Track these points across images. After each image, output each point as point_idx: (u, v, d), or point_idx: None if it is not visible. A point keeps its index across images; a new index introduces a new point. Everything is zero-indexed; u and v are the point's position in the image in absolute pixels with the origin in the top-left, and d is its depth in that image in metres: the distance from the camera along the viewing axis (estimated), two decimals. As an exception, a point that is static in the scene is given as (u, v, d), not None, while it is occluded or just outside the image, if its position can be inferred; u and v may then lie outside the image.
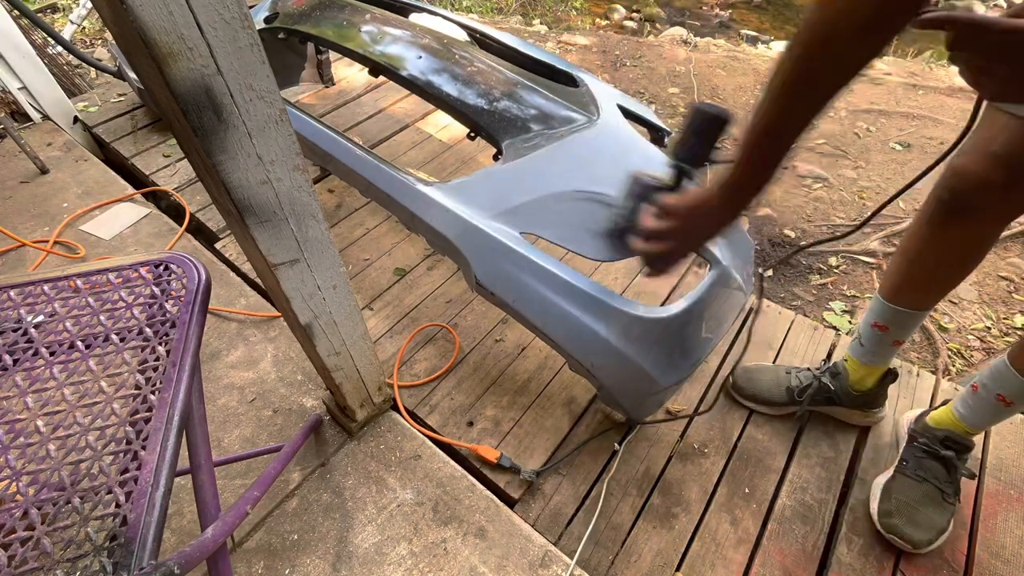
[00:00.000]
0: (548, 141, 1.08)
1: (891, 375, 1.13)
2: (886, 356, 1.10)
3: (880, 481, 1.08)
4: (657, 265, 0.77)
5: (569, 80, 1.30)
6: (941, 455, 1.02)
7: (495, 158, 1.13)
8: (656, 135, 1.30)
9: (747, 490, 1.11)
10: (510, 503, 1.07)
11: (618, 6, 4.89)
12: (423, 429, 1.16)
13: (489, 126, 1.12)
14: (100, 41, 3.20)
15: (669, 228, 0.71)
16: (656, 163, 1.10)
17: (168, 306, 0.67)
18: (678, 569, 1.00)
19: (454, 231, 1.01)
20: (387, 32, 1.34)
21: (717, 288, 1.01)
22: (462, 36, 1.46)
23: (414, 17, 1.51)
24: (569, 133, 1.10)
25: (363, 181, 1.16)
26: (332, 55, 2.07)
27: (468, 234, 1.00)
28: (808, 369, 1.21)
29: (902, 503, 1.03)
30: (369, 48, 1.29)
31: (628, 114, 1.21)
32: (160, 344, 0.63)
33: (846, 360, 1.15)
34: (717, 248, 1.04)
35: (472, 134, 1.19)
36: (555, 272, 0.96)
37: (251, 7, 1.62)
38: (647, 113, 1.29)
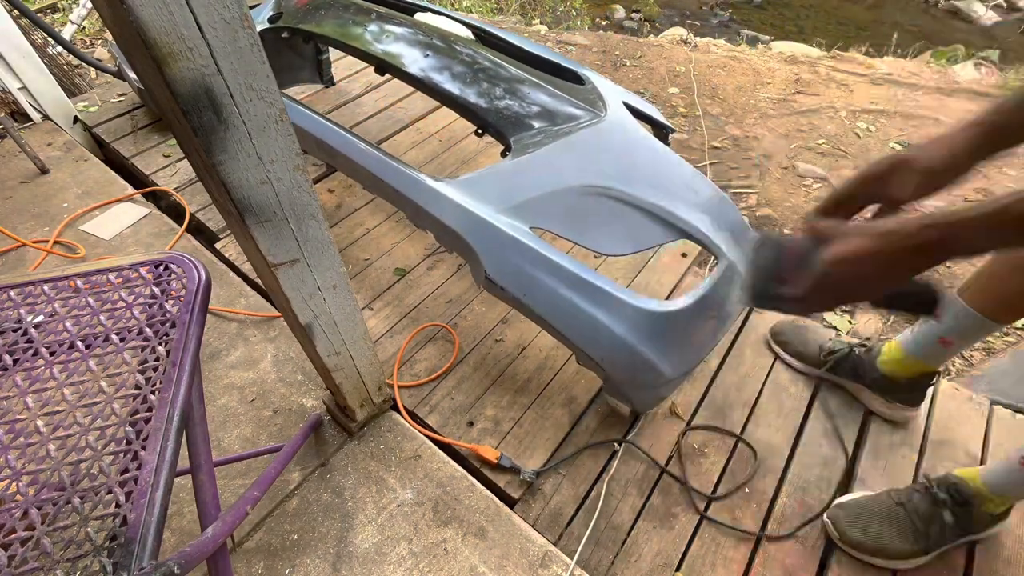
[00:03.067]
0: (556, 137, 1.09)
1: (927, 376, 1.09)
2: (927, 351, 1.06)
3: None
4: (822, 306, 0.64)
5: (575, 78, 1.30)
6: (933, 493, 0.97)
7: (503, 154, 1.14)
8: (660, 132, 1.31)
9: (747, 490, 1.11)
10: (510, 503, 1.07)
11: (618, 6, 4.89)
12: (423, 429, 1.16)
13: (497, 123, 1.13)
14: (100, 41, 3.20)
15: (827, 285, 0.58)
16: (662, 157, 1.11)
17: (168, 306, 0.67)
18: (678, 569, 1.00)
19: (464, 226, 1.01)
20: (392, 31, 1.34)
21: (724, 283, 1.01)
22: (467, 34, 1.46)
23: (418, 16, 1.51)
24: (577, 129, 1.10)
25: (370, 176, 1.16)
26: (333, 55, 2.07)
27: (478, 229, 1.00)
28: (848, 341, 1.21)
29: (860, 505, 1.01)
30: (375, 47, 1.29)
31: (633, 111, 1.22)
32: (160, 344, 0.63)
33: (887, 340, 1.13)
34: (723, 243, 1.04)
35: (480, 131, 1.19)
36: (565, 266, 0.97)
37: (252, 7, 1.62)
38: (651, 110, 1.30)
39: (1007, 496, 0.93)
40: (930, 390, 1.17)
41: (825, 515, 1.04)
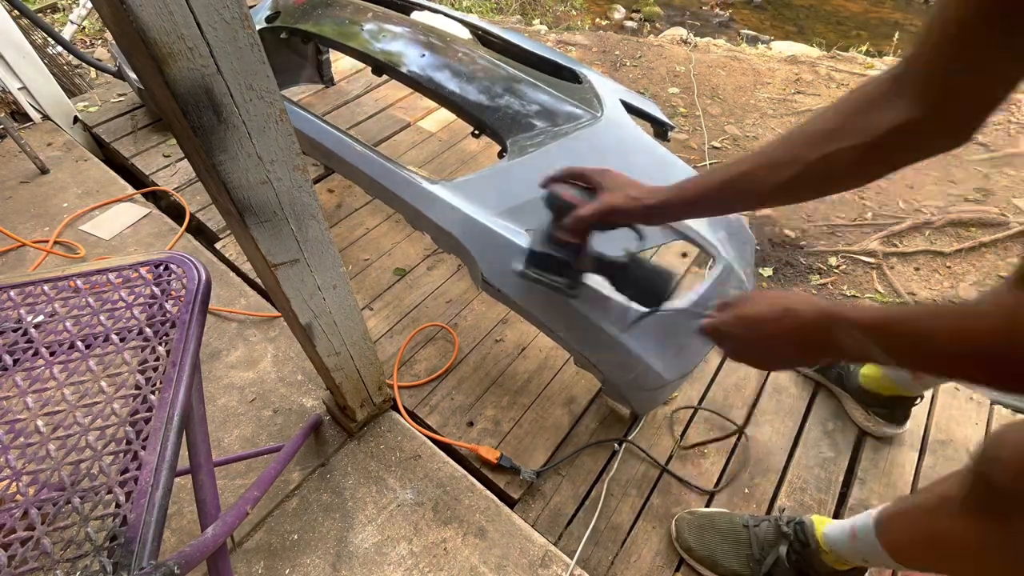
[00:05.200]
0: (553, 138, 1.08)
1: (905, 400, 1.07)
2: (900, 375, 1.03)
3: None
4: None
5: (572, 76, 1.30)
6: (779, 525, 0.93)
7: (500, 156, 1.14)
8: (659, 129, 1.30)
9: (747, 490, 1.11)
10: (510, 503, 1.07)
11: (618, 6, 4.89)
12: (423, 429, 1.16)
13: (494, 123, 1.13)
14: (100, 41, 3.20)
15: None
16: (659, 158, 1.11)
17: (168, 306, 0.67)
18: (678, 569, 1.00)
19: (460, 229, 1.01)
20: (390, 30, 1.34)
21: (721, 284, 1.01)
22: (465, 34, 1.46)
23: (416, 15, 1.51)
24: (574, 130, 1.10)
25: (367, 179, 1.16)
26: (332, 55, 2.07)
27: (474, 232, 1.00)
28: None
29: (709, 517, 1.00)
30: (372, 46, 1.29)
31: (631, 109, 1.22)
32: (160, 344, 0.63)
33: None
34: (720, 244, 1.04)
35: (476, 132, 1.19)
36: None
37: (251, 7, 1.62)
38: (650, 107, 1.29)
39: (841, 556, 0.84)
40: (915, 409, 1.13)
41: (675, 517, 1.04)
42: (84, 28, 3.21)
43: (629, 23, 4.74)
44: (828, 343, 0.57)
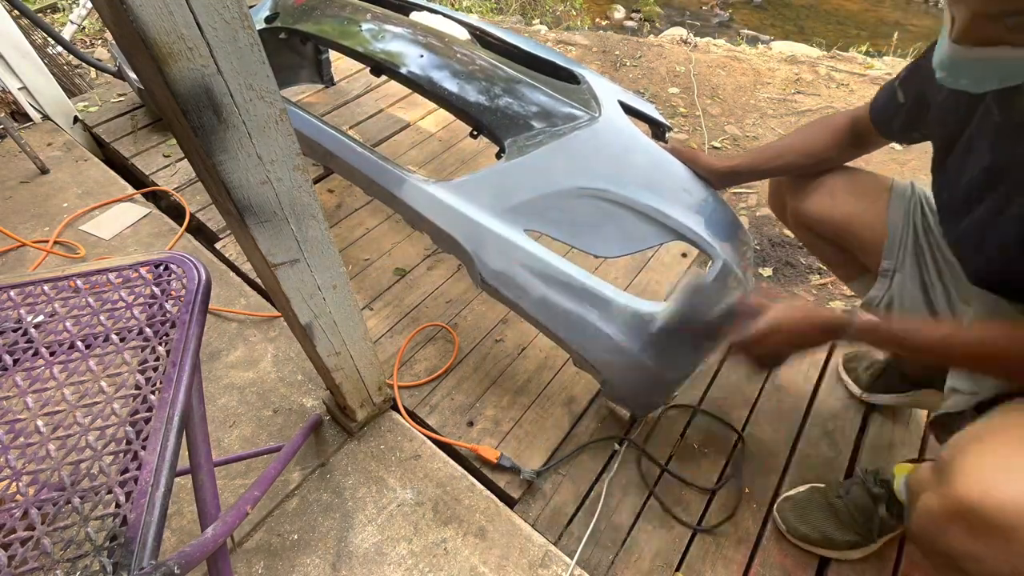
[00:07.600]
0: (550, 139, 1.08)
1: None
2: None
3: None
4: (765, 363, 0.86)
5: (570, 77, 1.30)
6: (868, 487, 0.96)
7: (498, 156, 1.14)
8: (656, 130, 1.30)
9: (747, 490, 1.11)
10: (510, 503, 1.07)
11: (618, 6, 4.89)
12: (423, 429, 1.16)
13: (491, 124, 1.13)
14: (100, 41, 3.20)
15: (770, 339, 0.80)
16: (656, 158, 1.11)
17: (168, 306, 0.67)
18: (678, 569, 1.00)
19: (458, 229, 1.01)
20: (388, 31, 1.34)
21: (719, 284, 1.01)
22: (463, 34, 1.46)
23: (415, 16, 1.51)
24: (571, 130, 1.10)
25: (366, 179, 1.16)
26: (332, 55, 2.07)
27: (472, 232, 1.00)
28: None
29: (805, 499, 1.03)
30: (370, 47, 1.29)
31: (628, 109, 1.22)
32: (160, 344, 0.63)
33: None
34: (718, 244, 1.04)
35: (474, 132, 1.19)
36: (560, 269, 0.96)
37: (251, 7, 1.62)
38: (647, 108, 1.29)
39: None
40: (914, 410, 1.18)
41: (775, 509, 1.05)
42: (84, 28, 3.21)
43: (629, 23, 4.75)
44: (832, 340, 0.77)
